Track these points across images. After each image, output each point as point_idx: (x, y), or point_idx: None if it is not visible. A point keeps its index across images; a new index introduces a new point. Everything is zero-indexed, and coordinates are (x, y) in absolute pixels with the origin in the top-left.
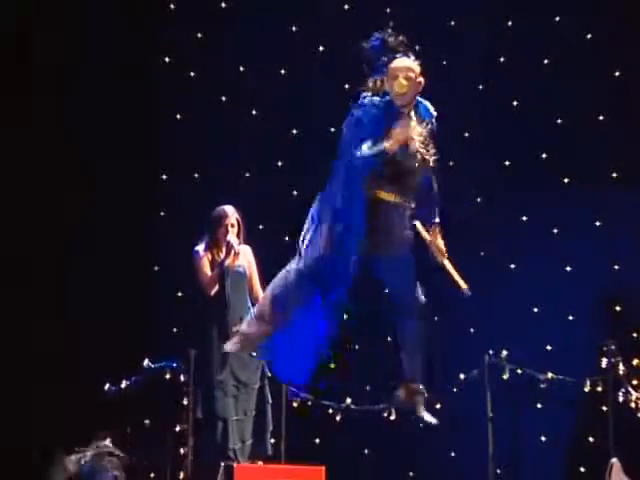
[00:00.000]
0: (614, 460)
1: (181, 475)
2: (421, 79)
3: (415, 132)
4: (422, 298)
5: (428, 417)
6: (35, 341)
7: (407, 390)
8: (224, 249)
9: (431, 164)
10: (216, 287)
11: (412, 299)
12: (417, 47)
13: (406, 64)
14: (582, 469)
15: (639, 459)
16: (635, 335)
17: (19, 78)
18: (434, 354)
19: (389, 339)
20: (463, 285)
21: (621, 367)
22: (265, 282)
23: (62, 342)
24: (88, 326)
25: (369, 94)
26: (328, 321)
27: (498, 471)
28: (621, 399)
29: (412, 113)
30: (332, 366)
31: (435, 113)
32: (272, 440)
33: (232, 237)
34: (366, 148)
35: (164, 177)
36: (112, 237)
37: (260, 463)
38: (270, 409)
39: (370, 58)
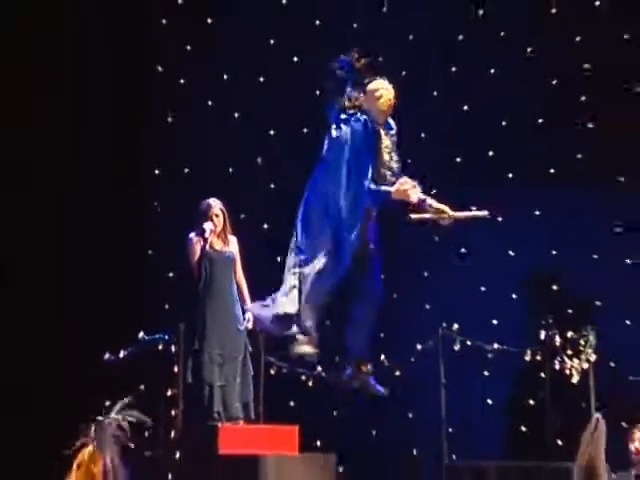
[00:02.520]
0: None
1: (172, 434)
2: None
3: (384, 144)
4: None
5: (377, 390)
6: (39, 316)
7: (358, 369)
8: (206, 236)
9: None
10: (204, 269)
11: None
12: (380, 58)
13: (386, 85)
14: (523, 428)
15: (573, 419)
16: (570, 311)
17: (20, 78)
18: (394, 328)
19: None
20: (483, 213)
21: (557, 339)
22: (247, 264)
23: (67, 316)
24: (91, 302)
25: (351, 110)
26: None
27: (450, 430)
28: (557, 367)
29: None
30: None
31: (395, 127)
32: (252, 404)
33: (210, 225)
34: (374, 186)
35: (157, 172)
36: (113, 225)
37: (241, 423)
38: (251, 377)
39: (339, 78)
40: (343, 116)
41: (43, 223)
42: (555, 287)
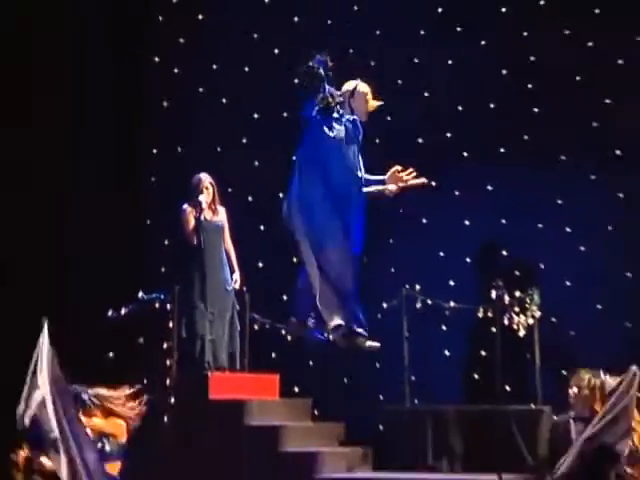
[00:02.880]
0: (634, 368)
1: (167, 381)
2: None
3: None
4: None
5: (369, 345)
6: (49, 277)
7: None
8: (203, 207)
9: None
10: (196, 236)
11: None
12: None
13: (369, 88)
14: (476, 376)
15: (517, 368)
16: (517, 273)
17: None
18: (363, 288)
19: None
20: (422, 180)
21: (506, 298)
22: (234, 232)
23: (75, 278)
24: (96, 266)
25: (340, 110)
26: None
27: (412, 378)
28: (506, 322)
29: None
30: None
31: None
32: (238, 355)
33: (203, 197)
34: (372, 189)
35: (154, 151)
36: (115, 197)
37: (228, 373)
38: (238, 332)
39: (316, 76)
40: (335, 115)
41: (48, 196)
42: (504, 252)
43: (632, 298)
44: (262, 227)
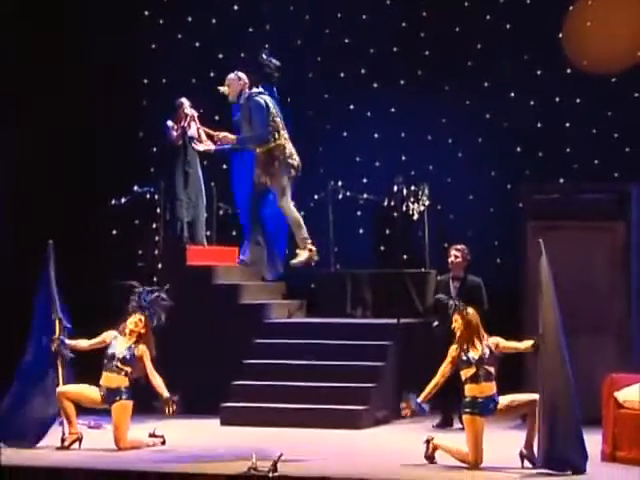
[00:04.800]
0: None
1: (156, 252)
2: None
3: None
4: None
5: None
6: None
7: (309, 252)
8: (183, 119)
9: None
10: (180, 141)
11: None
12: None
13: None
14: (382, 248)
15: (411, 242)
16: (412, 172)
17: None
18: (299, 185)
19: None
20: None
21: (404, 191)
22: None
23: (84, 175)
24: (102, 166)
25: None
26: None
27: (336, 249)
28: (404, 209)
29: None
30: None
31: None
32: (208, 233)
33: (188, 112)
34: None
35: (145, 81)
36: (117, 115)
37: (203, 246)
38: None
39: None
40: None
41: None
42: (403, 158)
43: (494, 189)
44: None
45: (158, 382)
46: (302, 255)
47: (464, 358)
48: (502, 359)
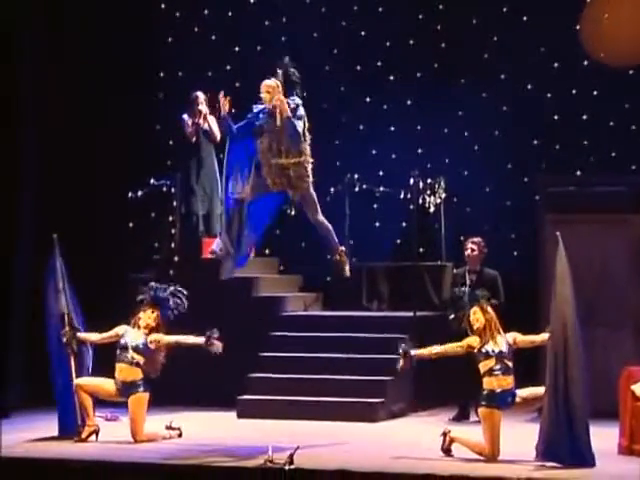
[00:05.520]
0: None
1: (172, 244)
2: None
3: None
4: None
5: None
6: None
7: (339, 255)
8: (197, 115)
9: None
10: (194, 137)
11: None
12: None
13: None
14: (398, 241)
15: (428, 235)
16: (429, 165)
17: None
18: (317, 182)
19: None
20: None
21: (420, 184)
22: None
23: (103, 170)
24: (120, 159)
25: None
26: None
27: (351, 242)
28: (420, 202)
29: None
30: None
31: None
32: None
33: (202, 108)
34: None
35: (161, 74)
36: (135, 110)
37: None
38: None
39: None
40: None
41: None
42: (420, 150)
43: (511, 182)
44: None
45: (186, 340)
46: (346, 262)
47: (483, 350)
48: (517, 352)
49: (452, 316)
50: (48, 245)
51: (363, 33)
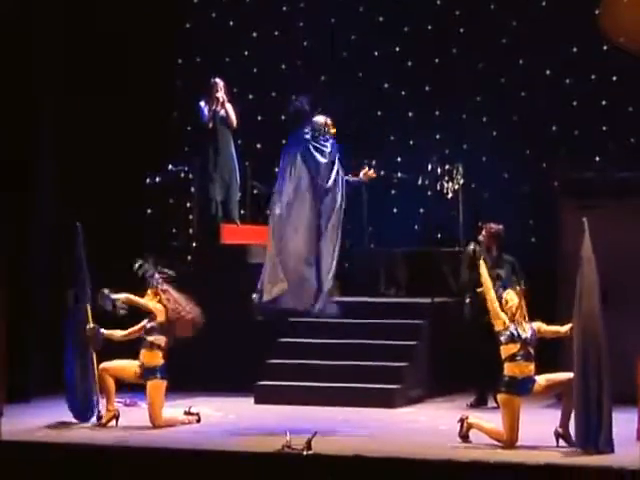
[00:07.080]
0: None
1: (190, 230)
2: None
3: None
4: None
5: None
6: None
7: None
8: (215, 102)
9: None
10: (211, 123)
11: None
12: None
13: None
14: (416, 227)
15: (445, 220)
16: (447, 151)
17: None
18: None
19: None
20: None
21: (438, 170)
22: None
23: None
24: (139, 146)
25: (325, 135)
26: None
27: (370, 229)
28: (438, 188)
29: None
30: None
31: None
32: (242, 211)
33: (220, 95)
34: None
35: (180, 61)
36: (154, 95)
37: (237, 224)
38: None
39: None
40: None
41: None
42: (438, 136)
43: (529, 168)
44: (259, 117)
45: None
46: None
47: (508, 333)
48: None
49: (468, 300)
50: (70, 233)
51: (381, 19)
